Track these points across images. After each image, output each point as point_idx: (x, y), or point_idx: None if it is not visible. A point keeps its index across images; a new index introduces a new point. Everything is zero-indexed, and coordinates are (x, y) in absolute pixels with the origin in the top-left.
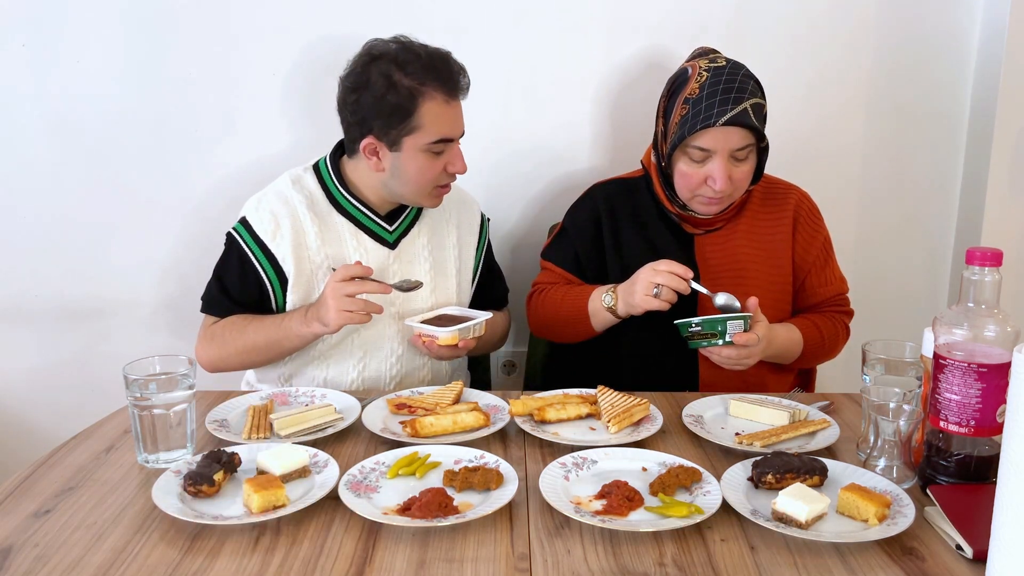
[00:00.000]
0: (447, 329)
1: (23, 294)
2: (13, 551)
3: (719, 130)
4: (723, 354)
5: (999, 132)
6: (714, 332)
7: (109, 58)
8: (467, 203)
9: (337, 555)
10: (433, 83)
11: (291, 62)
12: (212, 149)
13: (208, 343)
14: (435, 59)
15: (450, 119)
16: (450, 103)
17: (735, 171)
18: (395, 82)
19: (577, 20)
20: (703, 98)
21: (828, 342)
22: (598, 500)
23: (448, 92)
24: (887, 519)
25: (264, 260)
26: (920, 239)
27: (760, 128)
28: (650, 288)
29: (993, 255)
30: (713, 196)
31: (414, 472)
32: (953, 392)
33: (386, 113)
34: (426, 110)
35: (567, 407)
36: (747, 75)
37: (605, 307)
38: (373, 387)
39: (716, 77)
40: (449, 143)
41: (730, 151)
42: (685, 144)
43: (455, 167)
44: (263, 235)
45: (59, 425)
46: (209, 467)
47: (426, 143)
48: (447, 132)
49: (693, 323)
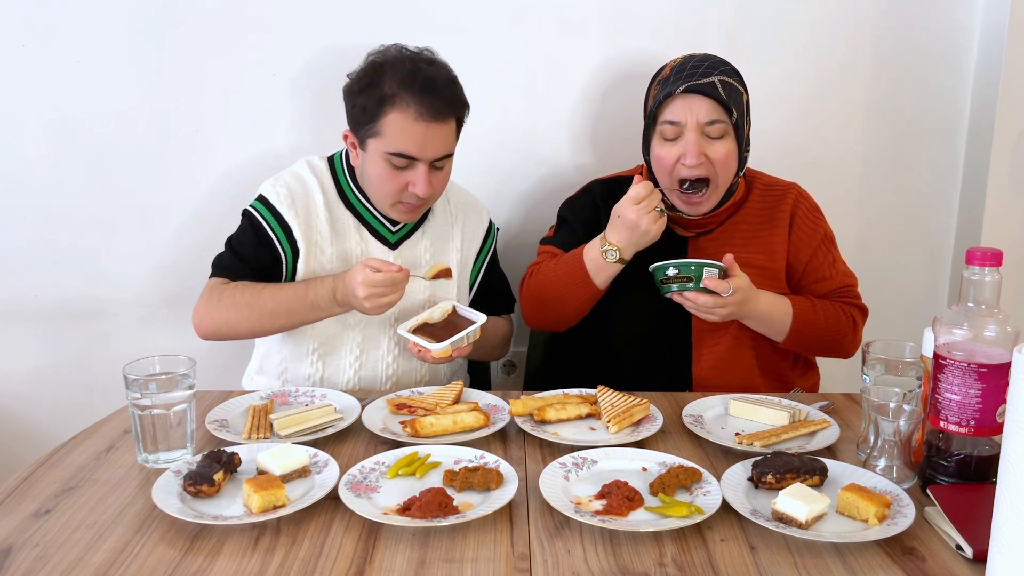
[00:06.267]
0: (439, 345)
1: (23, 294)
2: (13, 551)
3: (684, 99)
4: (698, 301)
5: (999, 132)
6: (688, 276)
7: (109, 58)
8: (476, 210)
9: (337, 555)
10: (407, 96)
11: (291, 63)
12: (212, 149)
13: (214, 303)
14: (420, 75)
15: (414, 137)
16: (420, 122)
17: (709, 149)
18: (375, 84)
19: (577, 21)
20: (671, 76)
21: (826, 325)
22: (598, 500)
23: (420, 110)
24: (887, 519)
25: (280, 231)
26: (920, 239)
27: (727, 101)
28: (654, 212)
29: (993, 255)
30: (688, 175)
31: (414, 472)
32: (953, 392)
33: (358, 110)
34: (391, 119)
35: (567, 407)
36: (722, 61)
37: (612, 262)
38: (369, 386)
39: (688, 59)
40: (411, 161)
41: (699, 123)
42: (656, 122)
43: (416, 188)
44: (280, 207)
45: (59, 425)
46: (209, 467)
47: (385, 151)
48: (406, 148)
49: (669, 266)
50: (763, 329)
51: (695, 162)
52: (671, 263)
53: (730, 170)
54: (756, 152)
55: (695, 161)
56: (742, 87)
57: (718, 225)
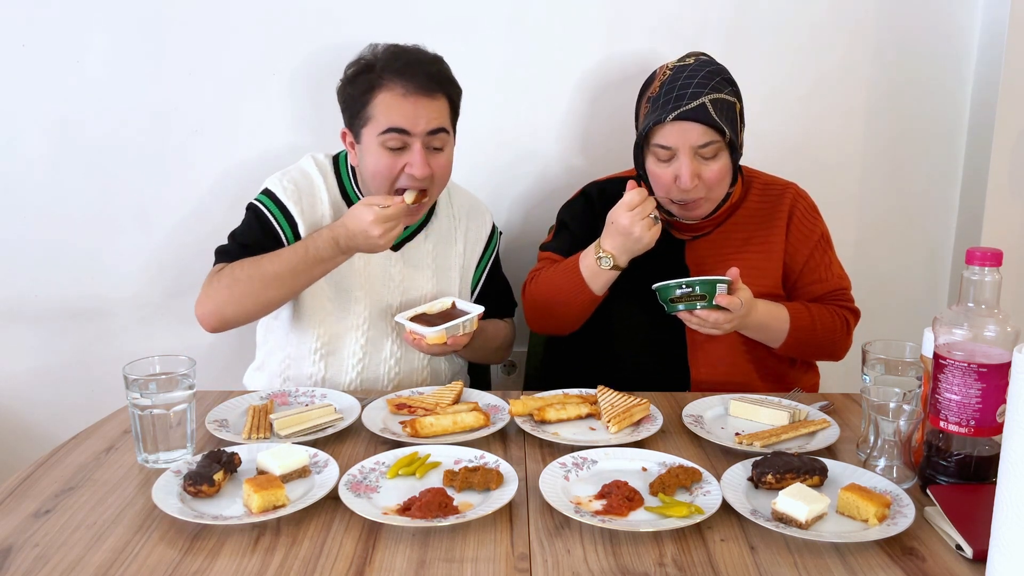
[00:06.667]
0: (434, 329)
1: (23, 294)
2: (13, 551)
3: (675, 126)
4: (710, 319)
5: (999, 132)
6: (702, 295)
7: (109, 58)
8: (479, 213)
9: (337, 555)
10: (392, 76)
11: (291, 62)
12: (212, 149)
13: (215, 287)
14: (404, 56)
15: (404, 111)
16: (408, 97)
17: (704, 169)
18: (362, 73)
19: (576, 21)
20: (661, 95)
21: (821, 330)
22: (598, 500)
23: (406, 87)
24: (887, 519)
25: (285, 224)
26: (920, 239)
27: (719, 123)
28: (648, 219)
29: (993, 255)
30: (685, 197)
31: (414, 472)
32: (953, 392)
33: (349, 102)
34: (379, 100)
35: (567, 407)
36: (713, 72)
37: (606, 269)
38: (371, 388)
39: (677, 75)
40: (405, 136)
41: (692, 147)
42: (648, 143)
43: (413, 168)
44: (286, 201)
45: (59, 425)
46: (209, 467)
47: (378, 132)
48: (397, 121)
49: (684, 284)
50: (760, 337)
51: (690, 185)
52: (680, 282)
53: (724, 184)
54: (756, 152)
55: (689, 184)
56: (734, 96)
57: (715, 227)
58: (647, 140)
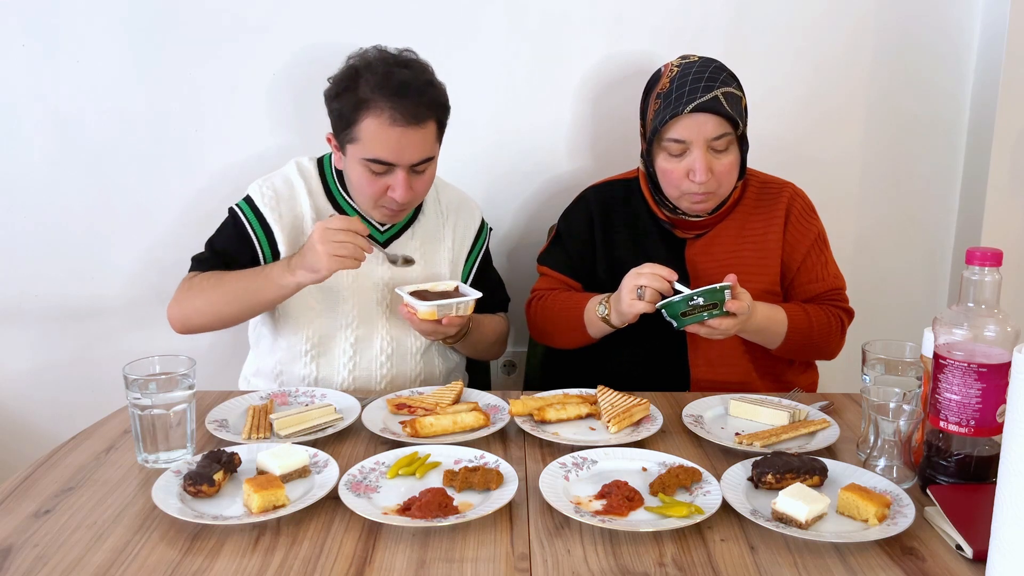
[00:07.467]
0: (426, 304)
1: (23, 294)
2: (13, 551)
3: (690, 118)
4: (722, 326)
5: (999, 132)
6: (714, 303)
7: (108, 58)
8: (468, 209)
9: (337, 555)
10: (380, 101)
11: (290, 62)
12: (212, 149)
13: (183, 293)
14: (394, 79)
15: (390, 143)
16: (395, 127)
17: (716, 163)
18: (350, 89)
19: (576, 22)
20: (673, 90)
21: (818, 331)
22: (598, 500)
23: (394, 115)
24: (887, 519)
25: (261, 233)
26: (920, 239)
27: (733, 116)
28: (634, 291)
29: (993, 255)
30: (698, 191)
31: (414, 472)
32: (953, 392)
33: (335, 116)
34: (365, 125)
35: (567, 407)
36: (719, 68)
37: (599, 317)
38: (364, 386)
39: (686, 70)
40: (390, 166)
41: (706, 140)
42: (661, 138)
43: (395, 193)
44: (264, 210)
45: (59, 425)
46: (209, 467)
47: (362, 157)
48: (382, 154)
49: (694, 295)
50: (759, 339)
51: (704, 179)
52: (695, 292)
53: (733, 178)
54: (755, 152)
55: (704, 178)
56: (740, 91)
57: (714, 225)
58: (658, 136)
